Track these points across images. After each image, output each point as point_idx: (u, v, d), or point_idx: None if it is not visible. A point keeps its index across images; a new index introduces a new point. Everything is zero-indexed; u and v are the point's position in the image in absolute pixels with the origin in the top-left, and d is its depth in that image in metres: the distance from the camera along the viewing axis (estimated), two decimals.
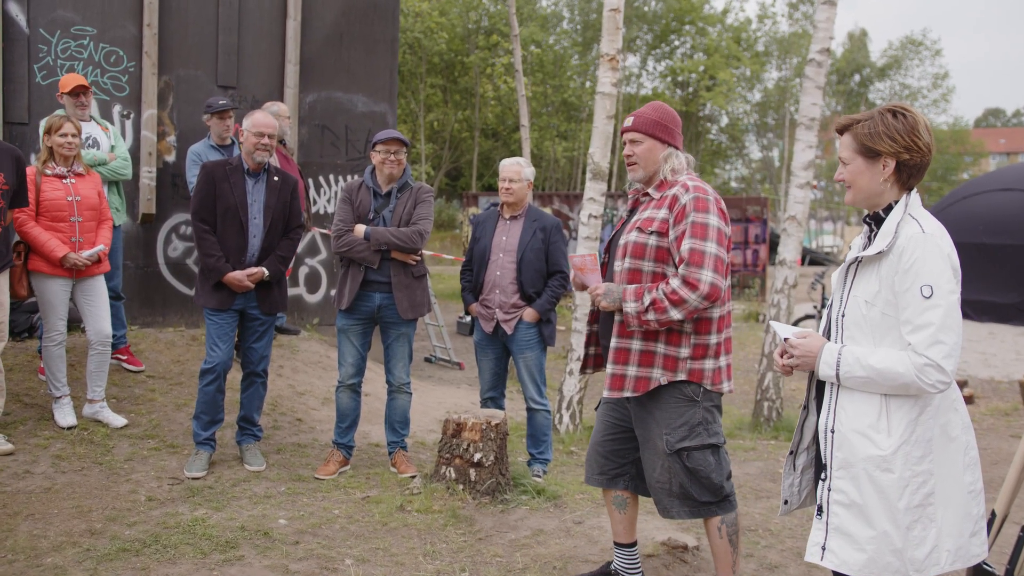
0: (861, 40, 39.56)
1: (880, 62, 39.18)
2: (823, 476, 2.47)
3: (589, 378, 6.73)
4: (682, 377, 3.15)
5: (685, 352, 3.16)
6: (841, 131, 2.50)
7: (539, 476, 5.06)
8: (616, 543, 3.52)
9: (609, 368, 3.25)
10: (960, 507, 2.40)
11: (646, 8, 33.85)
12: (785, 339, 2.55)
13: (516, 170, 5.10)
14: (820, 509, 2.46)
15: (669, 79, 35.84)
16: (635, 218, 3.29)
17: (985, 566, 2.73)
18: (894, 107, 2.43)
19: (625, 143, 3.33)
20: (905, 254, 2.32)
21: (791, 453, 2.68)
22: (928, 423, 2.35)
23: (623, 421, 3.39)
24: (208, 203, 4.73)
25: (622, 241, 3.27)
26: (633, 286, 3.16)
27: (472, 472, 4.42)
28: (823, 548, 2.44)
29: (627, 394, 3.20)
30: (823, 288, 11.13)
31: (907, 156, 2.39)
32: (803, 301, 13.38)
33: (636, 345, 3.20)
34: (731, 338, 3.29)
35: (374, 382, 6.68)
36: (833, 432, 2.43)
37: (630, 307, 3.12)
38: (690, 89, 35.22)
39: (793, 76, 34.98)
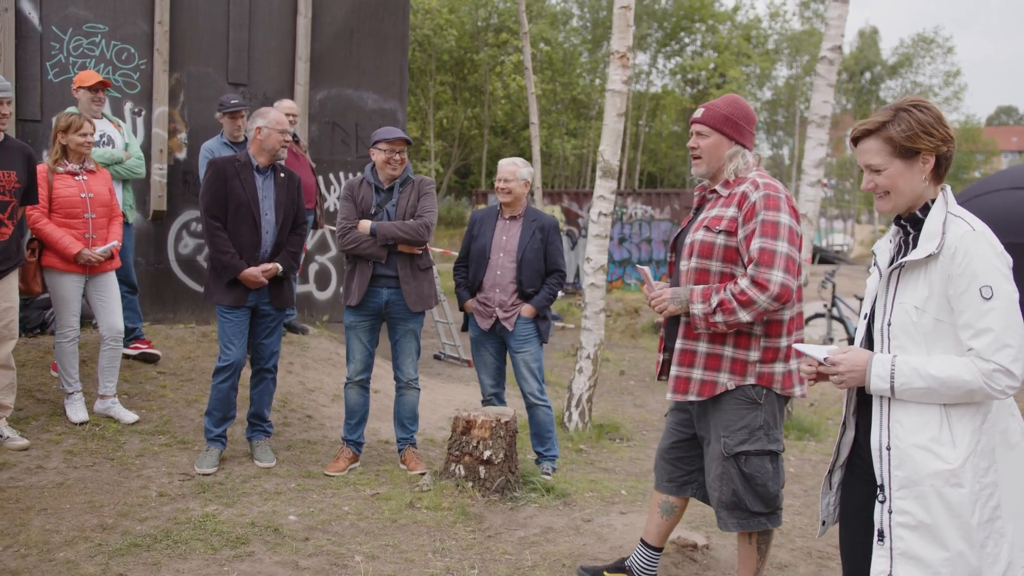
0: (872, 38, 39.38)
1: (891, 60, 39.01)
2: (880, 498, 2.27)
3: (598, 376, 6.72)
4: (751, 381, 3.03)
5: (755, 356, 3.03)
6: (862, 137, 2.35)
7: (548, 474, 5.05)
8: (643, 541, 3.48)
9: (673, 370, 3.13)
10: None
11: (656, 6, 33.77)
12: (825, 359, 2.38)
13: (512, 170, 5.11)
14: (881, 534, 2.26)
15: (679, 77, 35.77)
16: (701, 216, 3.15)
17: None
18: (914, 102, 2.32)
19: (691, 134, 3.18)
20: (958, 255, 2.19)
21: (829, 472, 2.55)
22: (991, 431, 2.22)
23: (687, 426, 3.29)
24: (219, 200, 4.74)
25: (688, 240, 3.13)
26: (700, 287, 3.03)
27: (481, 469, 4.43)
28: None
29: (691, 398, 3.09)
30: (833, 287, 11.08)
31: (945, 148, 2.29)
32: (813, 300, 13.31)
33: (702, 347, 3.08)
34: (803, 339, 3.12)
35: (383, 379, 6.69)
36: (890, 449, 2.25)
37: (697, 309, 2.99)
38: (700, 87, 35.13)
39: (804, 74, 34.87)
